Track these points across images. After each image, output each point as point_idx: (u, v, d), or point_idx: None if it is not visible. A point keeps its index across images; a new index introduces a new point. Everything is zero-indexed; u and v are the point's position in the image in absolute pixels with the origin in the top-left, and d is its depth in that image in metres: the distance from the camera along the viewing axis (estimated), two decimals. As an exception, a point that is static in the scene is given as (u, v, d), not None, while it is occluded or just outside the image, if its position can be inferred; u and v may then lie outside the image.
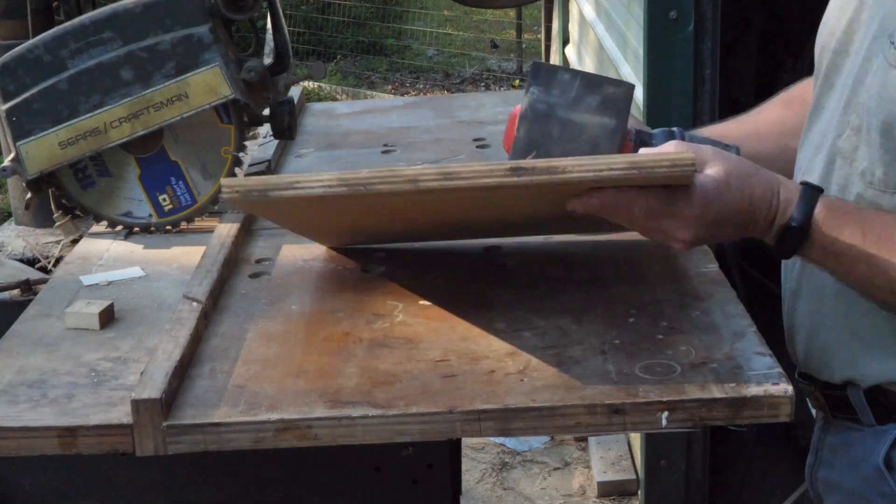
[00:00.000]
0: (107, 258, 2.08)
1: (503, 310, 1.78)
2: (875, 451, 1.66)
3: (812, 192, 1.54)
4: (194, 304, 1.77)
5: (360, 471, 1.94)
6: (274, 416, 1.51)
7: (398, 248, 2.01)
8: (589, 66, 5.18)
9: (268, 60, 2.23)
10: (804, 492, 3.23)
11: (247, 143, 2.20)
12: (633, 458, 3.95)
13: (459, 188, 1.54)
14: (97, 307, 1.80)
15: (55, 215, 2.22)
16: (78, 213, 2.20)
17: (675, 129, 1.77)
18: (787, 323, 1.77)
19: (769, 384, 1.52)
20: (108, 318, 1.81)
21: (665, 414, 1.50)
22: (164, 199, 2.16)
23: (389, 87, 9.93)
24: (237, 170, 2.19)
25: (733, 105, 2.28)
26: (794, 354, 1.77)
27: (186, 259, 2.03)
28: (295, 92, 2.68)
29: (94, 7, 2.17)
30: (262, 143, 2.55)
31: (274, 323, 1.78)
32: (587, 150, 1.70)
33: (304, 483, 1.96)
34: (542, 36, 7.83)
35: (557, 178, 1.52)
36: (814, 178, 1.64)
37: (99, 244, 2.14)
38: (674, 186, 1.51)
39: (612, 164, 1.51)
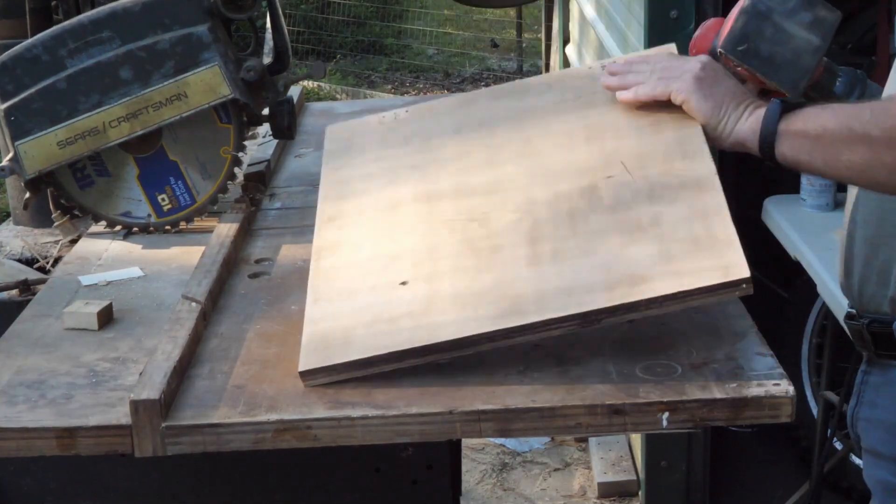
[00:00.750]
0: (105, 258, 2.08)
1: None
2: None
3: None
4: (193, 304, 1.76)
5: (360, 471, 1.93)
6: (273, 417, 1.51)
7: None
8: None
9: (267, 60, 2.22)
10: (805, 492, 3.23)
11: (246, 142, 2.19)
12: (633, 458, 3.94)
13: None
14: (96, 307, 1.80)
15: (54, 215, 2.22)
16: (76, 212, 2.20)
17: (860, 71, 1.89)
18: (845, 262, 1.80)
19: (770, 385, 1.51)
20: (106, 318, 1.80)
21: (666, 414, 1.49)
22: (164, 199, 2.16)
23: (389, 86, 9.93)
24: (236, 169, 2.18)
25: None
26: (850, 290, 1.81)
27: (185, 259, 2.02)
28: (294, 91, 2.68)
29: (93, 6, 2.16)
30: (261, 142, 2.54)
31: (273, 323, 1.77)
32: (790, 57, 1.83)
33: (304, 483, 1.95)
34: (543, 35, 7.82)
35: None
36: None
37: (98, 244, 2.14)
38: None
39: None
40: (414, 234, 1.68)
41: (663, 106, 1.74)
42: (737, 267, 1.49)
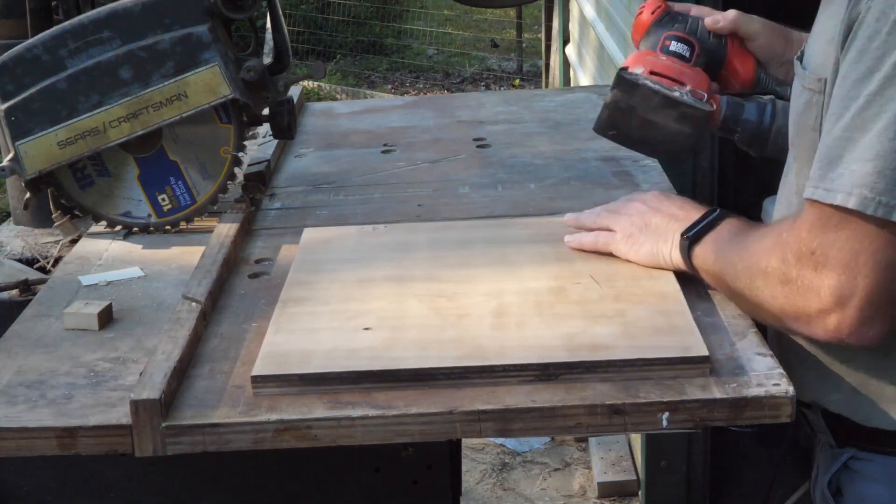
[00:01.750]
0: (106, 258, 2.08)
1: (503, 310, 1.78)
2: (828, 472, 1.70)
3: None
4: (193, 304, 1.76)
5: (360, 471, 1.93)
6: (273, 417, 1.51)
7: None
8: (589, 66, 5.18)
9: (267, 60, 2.22)
10: (805, 492, 3.22)
11: (246, 142, 2.19)
12: (633, 458, 3.95)
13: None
14: (96, 307, 1.80)
15: (54, 215, 2.22)
16: (77, 213, 2.20)
17: (766, 99, 1.88)
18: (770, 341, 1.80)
19: (770, 385, 1.51)
20: (106, 318, 1.80)
21: (666, 414, 1.49)
22: (164, 199, 2.16)
23: (389, 86, 9.93)
24: (236, 170, 2.18)
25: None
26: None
27: (186, 259, 2.02)
28: (294, 91, 2.68)
29: (94, 6, 2.16)
30: (261, 142, 2.54)
31: (273, 323, 1.77)
32: (663, 139, 1.86)
33: (304, 483, 1.95)
34: (543, 35, 7.83)
35: None
36: (777, 197, 1.78)
37: (98, 244, 2.14)
38: None
39: None
40: (382, 300, 1.77)
41: None
42: (696, 347, 1.56)
